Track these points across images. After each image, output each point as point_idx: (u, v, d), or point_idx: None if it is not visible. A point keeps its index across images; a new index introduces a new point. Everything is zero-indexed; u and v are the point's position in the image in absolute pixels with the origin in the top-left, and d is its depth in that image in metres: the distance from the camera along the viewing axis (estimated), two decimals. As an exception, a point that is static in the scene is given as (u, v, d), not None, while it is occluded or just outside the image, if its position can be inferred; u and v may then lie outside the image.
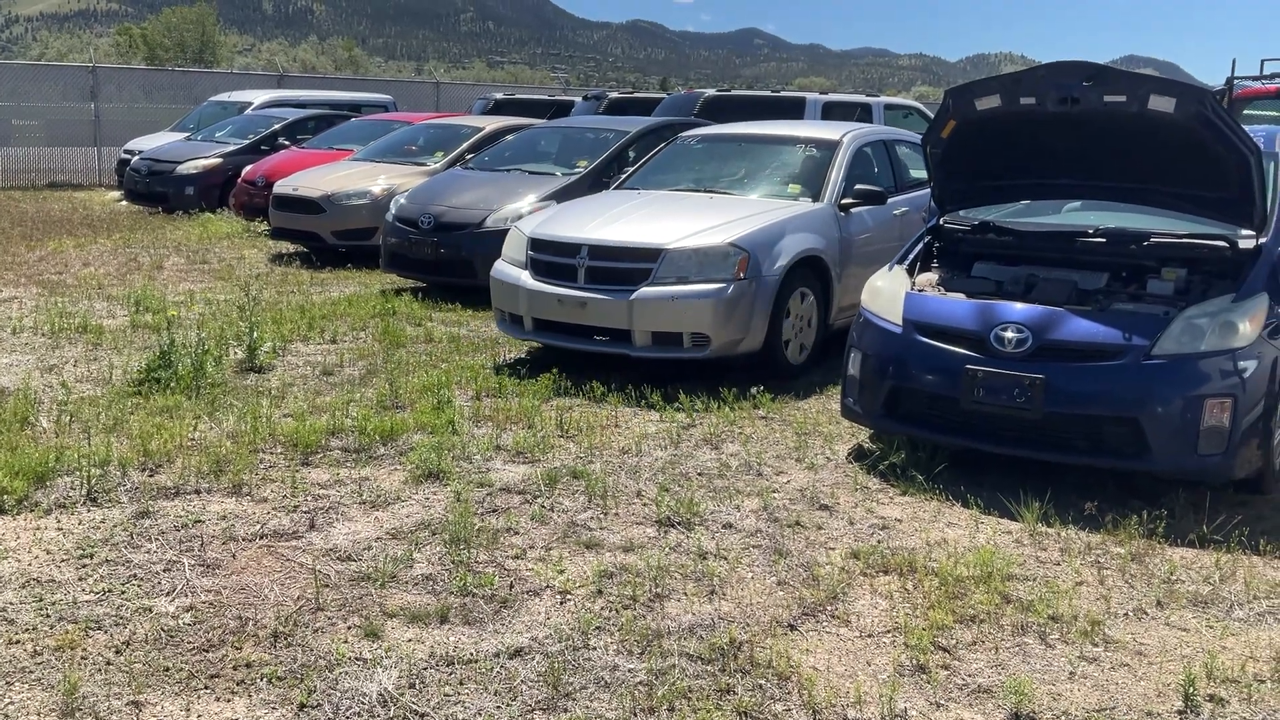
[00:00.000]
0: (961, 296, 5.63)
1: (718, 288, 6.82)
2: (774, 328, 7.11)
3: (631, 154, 10.53)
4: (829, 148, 8.28)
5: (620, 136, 10.66)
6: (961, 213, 6.28)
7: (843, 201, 7.87)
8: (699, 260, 6.92)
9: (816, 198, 7.85)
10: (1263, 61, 13.59)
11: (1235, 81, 13.53)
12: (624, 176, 8.88)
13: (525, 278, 7.35)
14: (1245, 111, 13.05)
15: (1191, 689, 3.46)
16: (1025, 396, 5.06)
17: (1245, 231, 5.47)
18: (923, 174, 8.85)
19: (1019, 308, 5.33)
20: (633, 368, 7.21)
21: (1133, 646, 3.80)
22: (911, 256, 6.08)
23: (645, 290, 6.88)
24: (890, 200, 8.20)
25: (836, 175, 8.00)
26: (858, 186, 7.95)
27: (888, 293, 5.77)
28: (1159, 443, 4.92)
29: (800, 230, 7.39)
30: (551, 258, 7.31)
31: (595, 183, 9.99)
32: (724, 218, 7.32)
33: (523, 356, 7.81)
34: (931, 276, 5.96)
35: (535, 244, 7.43)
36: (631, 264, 7.00)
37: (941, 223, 6.26)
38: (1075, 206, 6.43)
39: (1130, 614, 4.05)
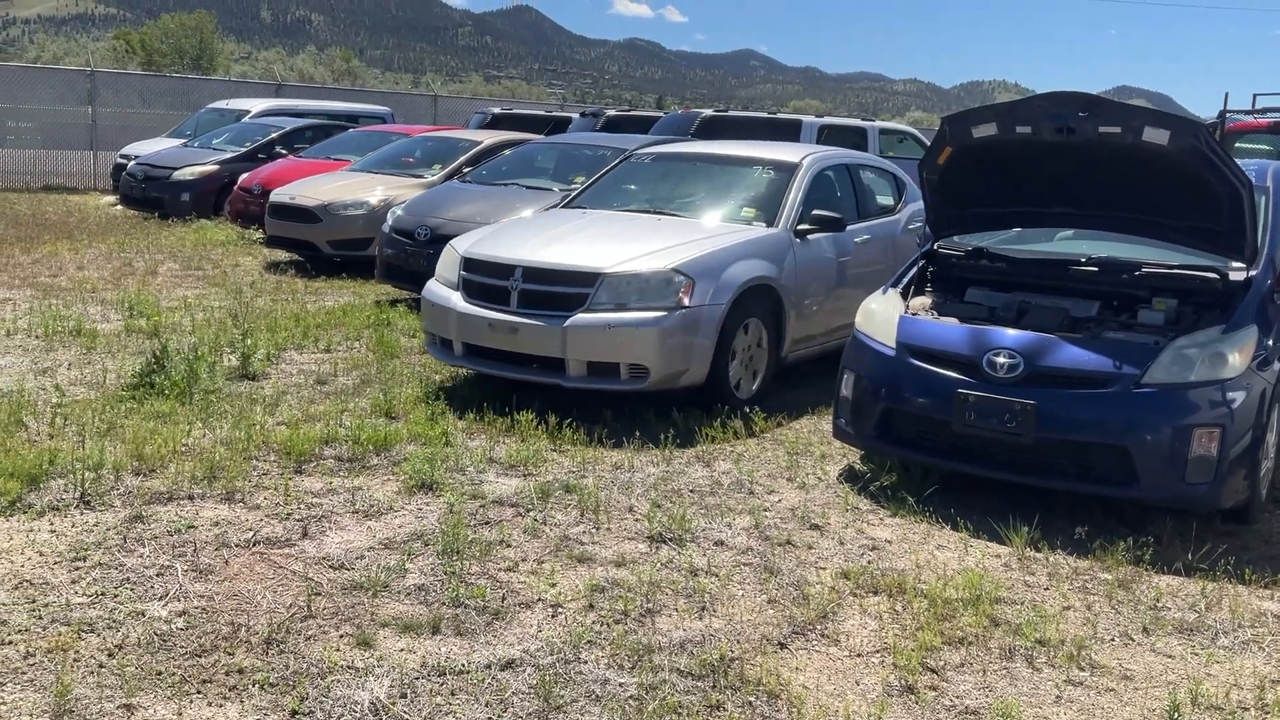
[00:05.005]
0: (955, 321, 5.68)
1: (658, 316, 6.37)
2: (719, 360, 6.64)
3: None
4: (787, 170, 7.86)
5: (618, 154, 10.68)
6: (956, 238, 6.34)
7: (799, 227, 7.45)
8: (639, 286, 6.46)
9: (771, 222, 7.43)
10: (1255, 96, 13.72)
11: (1228, 115, 13.65)
12: (574, 194, 8.49)
13: (456, 299, 6.90)
14: (1237, 145, 13.17)
15: (1176, 715, 3.50)
16: (1016, 421, 5.10)
17: (1236, 264, 5.53)
18: (889, 200, 8.82)
19: (1011, 334, 5.39)
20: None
21: (1119, 672, 3.84)
22: (906, 280, 6.13)
23: (580, 317, 6.41)
24: (851, 227, 7.88)
25: (793, 199, 7.58)
26: (815, 212, 7.56)
27: (881, 315, 5.82)
28: (1147, 471, 4.97)
29: (751, 256, 6.96)
30: (484, 279, 6.83)
31: (592, 199, 10.00)
32: (669, 241, 6.89)
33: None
34: (925, 300, 6.01)
35: (468, 264, 6.97)
36: (567, 288, 6.52)
37: (936, 248, 6.32)
38: (1068, 235, 6.49)
39: (1116, 639, 4.08)
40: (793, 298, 7.23)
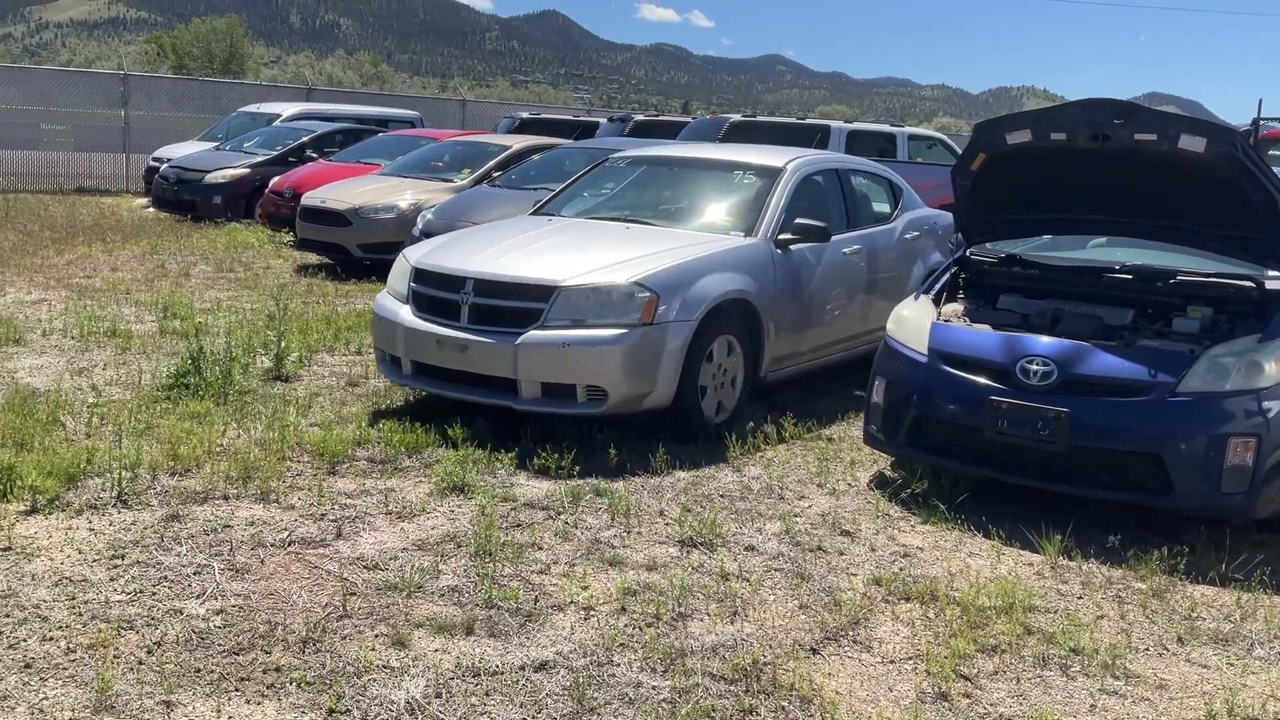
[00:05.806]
0: (987, 328, 5.66)
1: (618, 334, 5.88)
2: (688, 381, 6.14)
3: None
4: (770, 176, 7.30)
5: (647, 159, 10.69)
6: (988, 245, 6.33)
7: (780, 237, 6.91)
8: (598, 301, 5.96)
9: (750, 232, 6.89)
10: (1289, 103, 13.62)
11: (1261, 122, 13.56)
12: (542, 201, 8.02)
13: (405, 313, 6.41)
14: (1270, 152, 13.09)
15: (1213, 725, 3.48)
16: (1049, 429, 5.08)
17: (1272, 272, 5.50)
18: (883, 208, 8.45)
19: (1045, 341, 5.37)
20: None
21: (1154, 681, 3.82)
22: (938, 287, 6.12)
23: (534, 334, 5.92)
24: (838, 237, 7.36)
25: (775, 207, 7.04)
26: (798, 221, 6.96)
27: (913, 322, 5.81)
28: (1182, 479, 4.94)
29: (725, 269, 6.43)
30: (434, 292, 6.34)
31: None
32: (635, 252, 6.36)
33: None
34: (957, 307, 6.00)
35: (418, 275, 6.47)
36: (521, 302, 6.04)
37: (968, 254, 6.30)
38: (1101, 242, 6.47)
39: (1151, 649, 4.06)
40: (772, 313, 6.72)
